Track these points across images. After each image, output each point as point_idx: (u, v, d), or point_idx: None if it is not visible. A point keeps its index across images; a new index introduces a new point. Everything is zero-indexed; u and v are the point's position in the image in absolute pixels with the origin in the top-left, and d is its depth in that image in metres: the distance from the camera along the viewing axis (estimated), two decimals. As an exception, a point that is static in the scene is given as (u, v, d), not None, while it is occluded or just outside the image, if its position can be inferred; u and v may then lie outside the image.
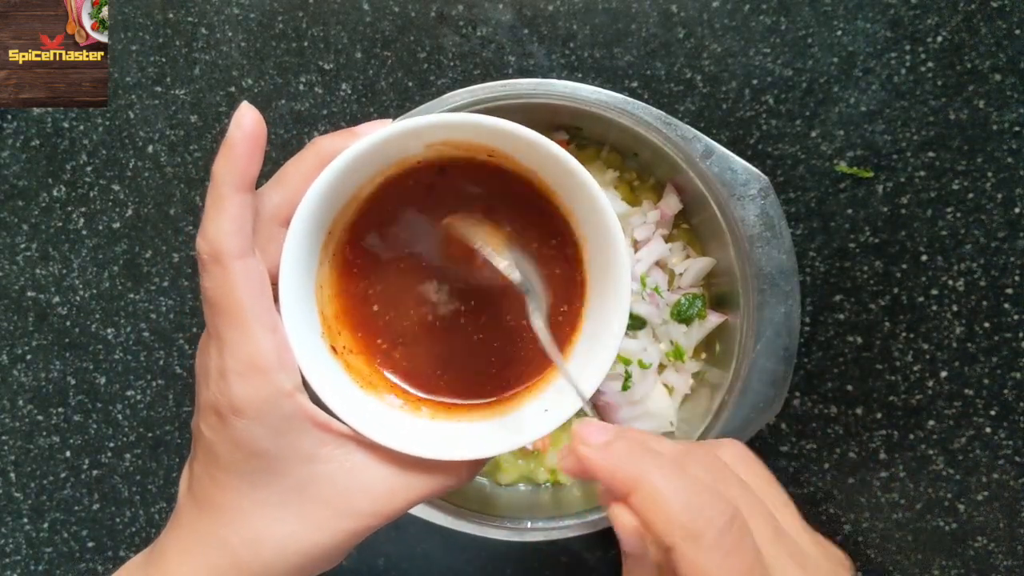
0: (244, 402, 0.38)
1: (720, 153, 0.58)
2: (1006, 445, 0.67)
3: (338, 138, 0.41)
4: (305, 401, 0.40)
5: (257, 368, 0.38)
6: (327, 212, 0.42)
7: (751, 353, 0.58)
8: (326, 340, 0.43)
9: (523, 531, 0.59)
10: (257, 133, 0.39)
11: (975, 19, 0.66)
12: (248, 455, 0.39)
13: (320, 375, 0.41)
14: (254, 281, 0.38)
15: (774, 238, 0.58)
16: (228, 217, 0.38)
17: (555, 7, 0.67)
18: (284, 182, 0.41)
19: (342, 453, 0.40)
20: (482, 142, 0.41)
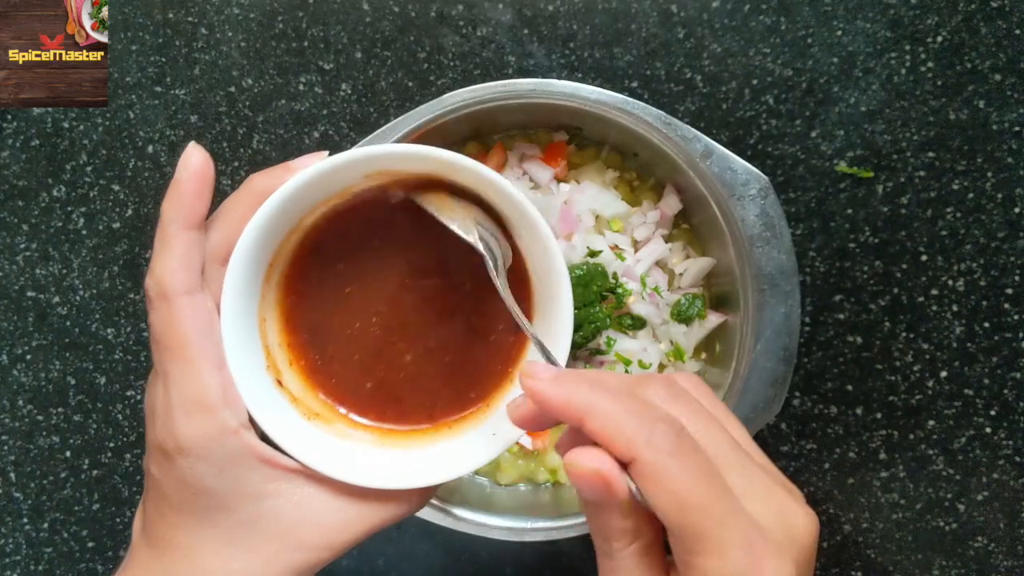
0: (189, 440, 0.38)
1: (720, 153, 0.58)
2: (1006, 445, 0.67)
3: (273, 175, 0.41)
4: (251, 437, 0.40)
5: (201, 405, 0.38)
6: (267, 246, 0.42)
7: (751, 353, 0.58)
8: (271, 374, 0.43)
9: (523, 531, 0.59)
10: (204, 172, 0.39)
11: (975, 19, 0.66)
12: (196, 493, 0.39)
13: (265, 409, 0.41)
14: (200, 318, 0.39)
15: (774, 238, 0.58)
16: (175, 255, 0.39)
17: (555, 7, 0.67)
18: (222, 221, 0.41)
19: (290, 487, 0.40)
20: (421, 171, 0.42)
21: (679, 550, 0.34)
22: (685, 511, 0.33)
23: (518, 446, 0.64)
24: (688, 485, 0.33)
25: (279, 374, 0.44)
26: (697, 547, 0.33)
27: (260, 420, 0.40)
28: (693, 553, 0.33)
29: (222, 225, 0.41)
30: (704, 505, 0.33)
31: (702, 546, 0.33)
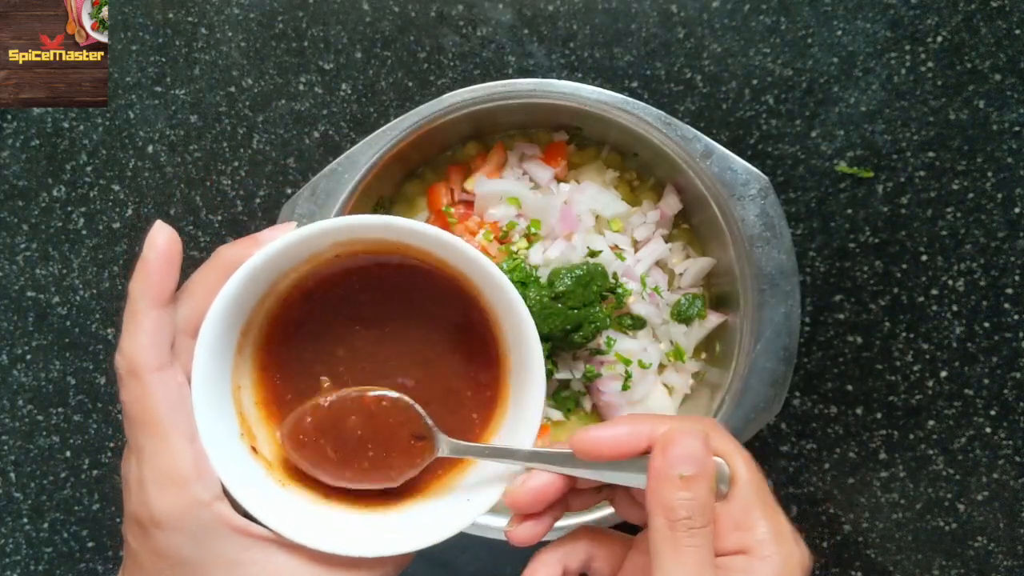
0: (163, 513, 0.39)
1: (720, 153, 0.58)
2: (1006, 445, 0.67)
3: (241, 247, 0.42)
4: (224, 509, 0.40)
5: (174, 480, 0.39)
6: (238, 316, 0.43)
7: (751, 353, 0.58)
8: (245, 441, 0.44)
9: (523, 531, 0.59)
10: (170, 251, 0.41)
11: (975, 19, 0.66)
12: (171, 565, 0.40)
13: (238, 479, 0.41)
14: (171, 393, 0.40)
15: (774, 238, 0.58)
16: (143, 332, 0.40)
17: (555, 7, 0.67)
18: (191, 294, 0.42)
19: (265, 556, 0.41)
20: (391, 239, 0.42)
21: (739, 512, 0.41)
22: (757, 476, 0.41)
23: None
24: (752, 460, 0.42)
25: (254, 440, 0.44)
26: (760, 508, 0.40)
27: (233, 491, 0.41)
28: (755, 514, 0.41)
29: (191, 298, 0.42)
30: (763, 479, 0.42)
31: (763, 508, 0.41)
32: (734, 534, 0.41)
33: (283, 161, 0.69)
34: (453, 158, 0.66)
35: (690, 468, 0.40)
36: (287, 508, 0.43)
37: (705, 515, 0.40)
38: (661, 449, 0.40)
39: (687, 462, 0.40)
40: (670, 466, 0.40)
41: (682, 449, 0.40)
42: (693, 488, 0.40)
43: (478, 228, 0.62)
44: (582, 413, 0.64)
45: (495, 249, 0.62)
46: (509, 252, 0.61)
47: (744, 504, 0.41)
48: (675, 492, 0.40)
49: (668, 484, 0.40)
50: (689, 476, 0.40)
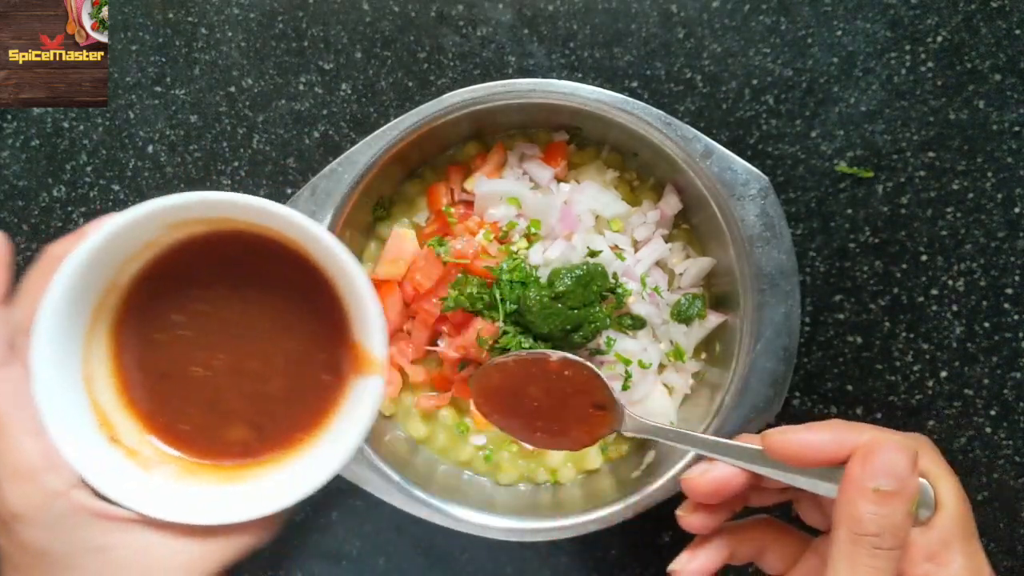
0: (18, 507, 0.39)
1: (720, 153, 0.58)
2: (1006, 445, 0.67)
3: (66, 243, 0.42)
4: (82, 496, 0.41)
5: (22, 474, 0.39)
6: (79, 309, 0.43)
7: (751, 353, 0.58)
8: (103, 431, 0.44)
9: (523, 531, 0.59)
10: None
11: (975, 19, 0.66)
12: (37, 556, 0.40)
13: (94, 467, 0.42)
14: (7, 390, 0.40)
15: (774, 238, 0.58)
16: None
17: (555, 7, 0.67)
18: (24, 294, 0.42)
19: (132, 537, 0.42)
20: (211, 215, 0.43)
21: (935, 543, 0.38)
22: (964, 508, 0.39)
23: (518, 446, 0.64)
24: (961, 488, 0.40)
25: (112, 431, 0.45)
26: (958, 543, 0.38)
27: (88, 477, 0.41)
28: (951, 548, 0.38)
29: (26, 297, 0.42)
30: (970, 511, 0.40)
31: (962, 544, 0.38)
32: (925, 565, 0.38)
33: (283, 161, 0.69)
34: (453, 158, 0.66)
35: (889, 483, 0.36)
36: (151, 488, 0.44)
37: (895, 537, 0.37)
38: (862, 457, 0.37)
39: (887, 476, 0.37)
40: (868, 477, 0.37)
41: (884, 461, 0.37)
42: (888, 505, 0.36)
43: (478, 228, 0.62)
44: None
45: (495, 249, 0.62)
46: (509, 252, 0.61)
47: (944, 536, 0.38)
48: (867, 505, 0.37)
49: (861, 495, 0.37)
50: (887, 491, 0.36)
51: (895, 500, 0.36)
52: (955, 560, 0.38)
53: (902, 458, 0.37)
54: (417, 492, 0.59)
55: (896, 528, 0.36)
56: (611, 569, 0.69)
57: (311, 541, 0.69)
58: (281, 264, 0.46)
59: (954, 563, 0.38)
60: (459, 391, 0.64)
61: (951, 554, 0.38)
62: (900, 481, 0.36)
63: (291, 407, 0.47)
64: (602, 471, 0.65)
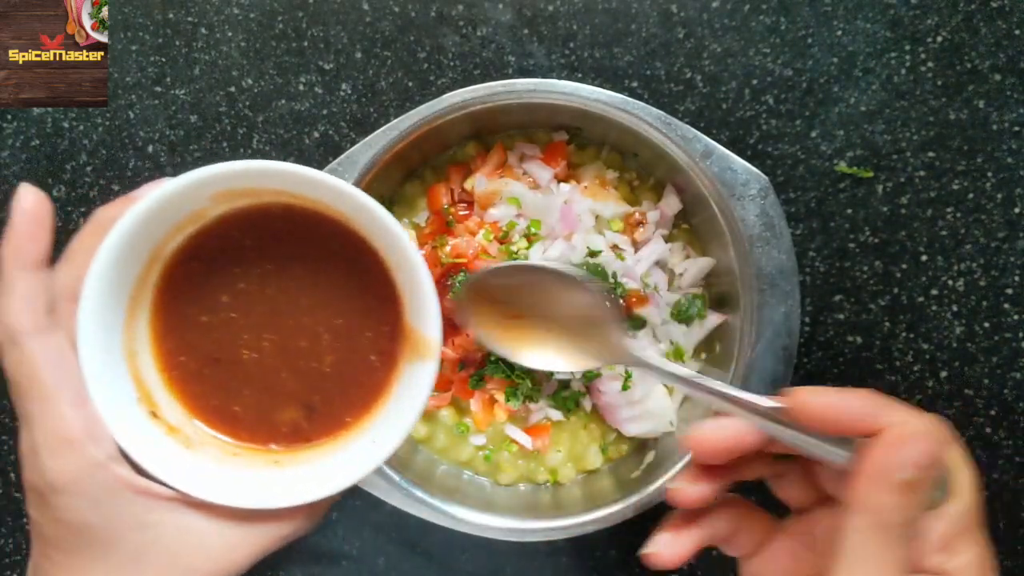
0: (58, 477, 0.38)
1: (720, 153, 0.58)
2: (1006, 445, 0.67)
3: (116, 207, 0.41)
4: (123, 470, 0.40)
5: (65, 442, 0.38)
6: (123, 278, 0.42)
7: (751, 353, 0.58)
8: (144, 406, 0.43)
9: (523, 531, 0.59)
10: (38, 212, 0.39)
11: (975, 19, 0.66)
12: (75, 530, 0.39)
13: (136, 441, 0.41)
14: (52, 357, 0.39)
15: (774, 238, 0.58)
16: (17, 296, 0.38)
17: (555, 7, 0.67)
18: (69, 258, 0.41)
19: (172, 516, 0.41)
20: (266, 186, 0.42)
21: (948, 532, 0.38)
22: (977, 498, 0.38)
23: (518, 446, 0.64)
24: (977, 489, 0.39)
25: (154, 406, 0.44)
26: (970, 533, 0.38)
27: (131, 453, 0.40)
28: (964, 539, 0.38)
29: (70, 262, 0.41)
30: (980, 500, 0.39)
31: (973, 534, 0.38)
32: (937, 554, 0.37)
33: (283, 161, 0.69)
34: (453, 158, 0.66)
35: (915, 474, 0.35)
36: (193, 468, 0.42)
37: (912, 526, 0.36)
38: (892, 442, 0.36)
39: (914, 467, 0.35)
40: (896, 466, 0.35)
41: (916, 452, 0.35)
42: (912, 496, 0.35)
43: (478, 228, 0.62)
44: (582, 413, 0.65)
45: (495, 249, 0.62)
46: (509, 252, 0.61)
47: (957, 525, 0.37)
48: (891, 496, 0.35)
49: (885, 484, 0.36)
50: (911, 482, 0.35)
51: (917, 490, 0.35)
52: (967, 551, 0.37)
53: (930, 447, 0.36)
54: (417, 492, 0.59)
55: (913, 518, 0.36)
56: (611, 569, 0.69)
57: (311, 541, 0.69)
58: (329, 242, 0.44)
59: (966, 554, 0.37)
60: (459, 391, 0.64)
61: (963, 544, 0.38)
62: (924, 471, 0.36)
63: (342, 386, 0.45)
64: (602, 471, 0.65)
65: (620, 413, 0.63)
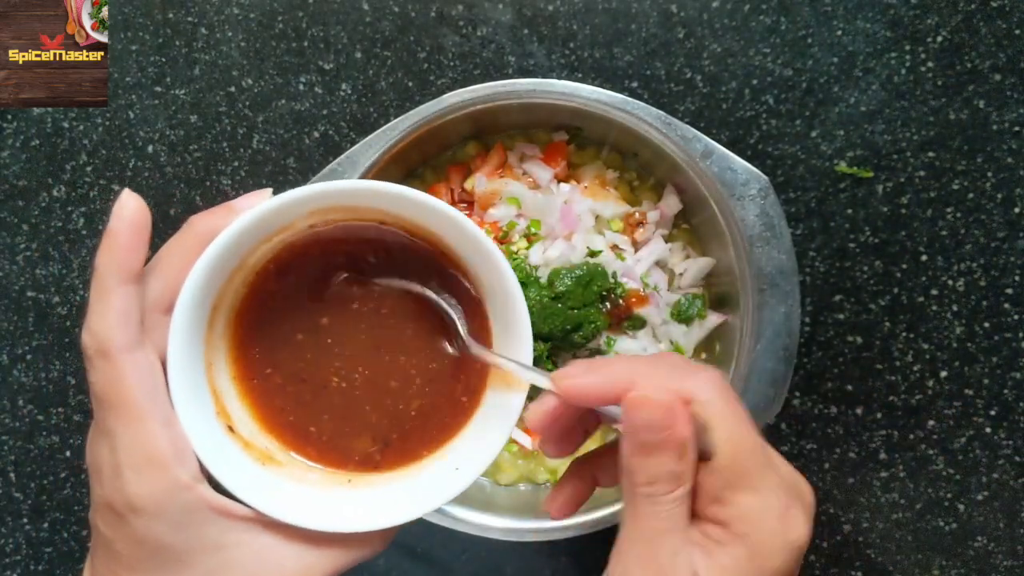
0: (142, 499, 0.37)
1: (720, 153, 0.58)
2: (1006, 445, 0.67)
3: (215, 216, 0.40)
4: (205, 490, 0.39)
5: (153, 463, 0.37)
6: (211, 290, 0.40)
7: (751, 353, 0.58)
8: (221, 420, 0.42)
9: (523, 531, 0.59)
10: (139, 222, 0.38)
11: (975, 19, 0.66)
12: (151, 552, 0.38)
13: (217, 459, 0.40)
14: (144, 374, 0.38)
15: (774, 238, 0.58)
16: (112, 310, 0.37)
17: (555, 7, 0.67)
18: (162, 268, 0.40)
19: (248, 537, 0.40)
20: (365, 205, 0.41)
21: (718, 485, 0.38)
22: (738, 449, 0.38)
23: (518, 446, 0.64)
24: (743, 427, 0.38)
25: (229, 420, 0.43)
26: (740, 483, 0.37)
27: (213, 470, 0.39)
28: (734, 489, 0.37)
29: (162, 272, 0.39)
30: (754, 448, 0.38)
31: (745, 483, 0.37)
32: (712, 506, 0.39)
33: (283, 161, 0.69)
34: (453, 158, 0.66)
35: (651, 436, 0.37)
36: (268, 487, 0.41)
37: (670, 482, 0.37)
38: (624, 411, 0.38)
39: (647, 431, 0.37)
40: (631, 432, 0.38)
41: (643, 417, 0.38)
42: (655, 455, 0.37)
43: (478, 228, 0.62)
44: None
45: (495, 249, 0.62)
46: (509, 252, 0.61)
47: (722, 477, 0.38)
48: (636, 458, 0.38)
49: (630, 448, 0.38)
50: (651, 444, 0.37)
51: (660, 451, 0.37)
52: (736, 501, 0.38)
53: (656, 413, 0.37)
54: (417, 492, 0.59)
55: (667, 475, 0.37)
56: (611, 569, 0.69)
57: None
58: (423, 267, 0.44)
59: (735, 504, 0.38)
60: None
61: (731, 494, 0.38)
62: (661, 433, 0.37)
63: (424, 426, 0.44)
64: (602, 471, 0.65)
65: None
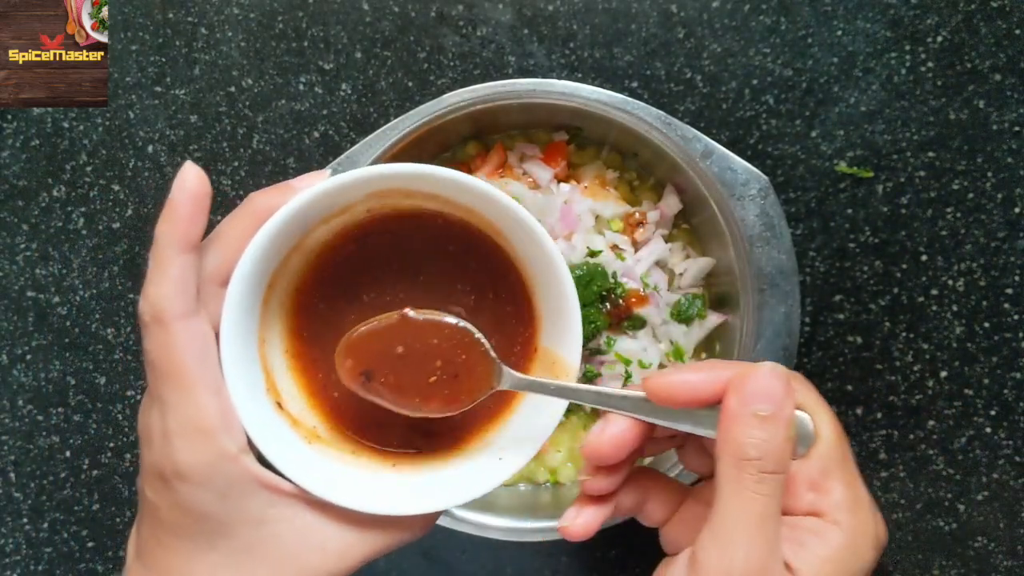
0: (188, 466, 0.38)
1: (720, 153, 0.58)
2: (1006, 445, 0.67)
3: (274, 193, 0.40)
4: (251, 463, 0.39)
5: (201, 431, 0.38)
6: (267, 267, 0.41)
7: (751, 353, 0.58)
8: (271, 396, 0.42)
9: (523, 531, 0.59)
10: (200, 193, 0.39)
11: (975, 19, 0.66)
12: (195, 519, 0.39)
13: (265, 434, 0.40)
14: (197, 343, 0.38)
15: (774, 238, 0.58)
16: (170, 279, 0.38)
17: (555, 7, 0.67)
18: (221, 242, 0.40)
19: (291, 513, 0.40)
20: (425, 191, 0.41)
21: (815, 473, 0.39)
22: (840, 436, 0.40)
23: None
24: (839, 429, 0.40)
25: (279, 396, 0.43)
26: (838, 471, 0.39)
27: (260, 444, 0.40)
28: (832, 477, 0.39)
29: (220, 246, 0.40)
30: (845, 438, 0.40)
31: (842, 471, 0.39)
32: (808, 495, 0.39)
33: (283, 161, 0.69)
34: (453, 158, 0.66)
35: (766, 406, 0.37)
36: (314, 465, 0.42)
37: (778, 461, 0.37)
38: (736, 386, 0.38)
39: (763, 400, 0.37)
40: (744, 403, 0.37)
41: (759, 385, 0.37)
42: (767, 428, 0.37)
43: (478, 228, 0.63)
44: (582, 413, 0.65)
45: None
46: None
47: (823, 465, 0.39)
48: (747, 430, 0.37)
49: (740, 422, 0.37)
50: (765, 415, 0.37)
51: (773, 423, 0.37)
52: (836, 488, 0.38)
53: (775, 381, 0.37)
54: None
55: (777, 452, 0.37)
56: (611, 569, 0.69)
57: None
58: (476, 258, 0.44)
59: (835, 491, 0.38)
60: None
61: (831, 482, 0.39)
62: (776, 404, 0.37)
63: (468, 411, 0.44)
64: (602, 471, 0.65)
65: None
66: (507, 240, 0.43)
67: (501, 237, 0.43)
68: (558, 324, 0.42)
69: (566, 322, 0.41)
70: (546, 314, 0.43)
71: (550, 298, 0.43)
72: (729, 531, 0.37)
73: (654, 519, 0.45)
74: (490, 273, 0.44)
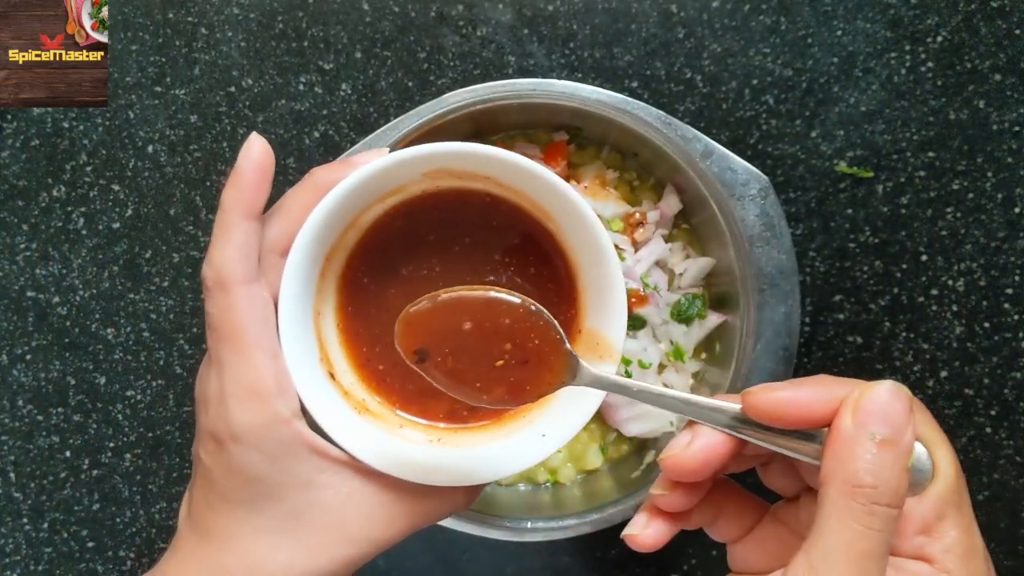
0: (242, 428, 0.38)
1: (720, 153, 0.58)
2: (1006, 445, 0.67)
3: (335, 169, 0.41)
4: (303, 428, 0.40)
5: (256, 393, 0.38)
6: (324, 241, 0.43)
7: (751, 353, 0.58)
8: (323, 366, 0.44)
9: (523, 531, 0.59)
10: (265, 163, 0.40)
11: (975, 19, 0.66)
12: (245, 481, 0.39)
13: (318, 401, 0.41)
14: (257, 307, 0.39)
15: (774, 238, 0.58)
16: (233, 244, 0.39)
17: (555, 7, 0.67)
18: (283, 213, 0.42)
19: (340, 479, 0.41)
20: (480, 170, 0.42)
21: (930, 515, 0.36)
22: (959, 475, 0.36)
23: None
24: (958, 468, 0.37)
25: (331, 367, 0.44)
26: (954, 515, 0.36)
27: (313, 410, 0.41)
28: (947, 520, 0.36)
29: (282, 216, 0.41)
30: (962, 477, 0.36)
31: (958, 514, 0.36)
32: (918, 537, 0.35)
33: (283, 161, 0.69)
34: (453, 158, 0.66)
35: (885, 430, 0.33)
36: (364, 434, 0.42)
37: (893, 493, 0.32)
38: (852, 406, 0.34)
39: (883, 422, 0.33)
40: (861, 424, 0.33)
41: (878, 405, 0.33)
42: (884, 454, 0.32)
43: (478, 228, 0.63)
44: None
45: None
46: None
47: (939, 505, 0.35)
48: (862, 454, 0.32)
49: (854, 445, 0.33)
50: (882, 439, 0.33)
51: (892, 449, 0.32)
52: (950, 533, 0.35)
53: (897, 403, 0.33)
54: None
55: (893, 482, 0.32)
56: (611, 569, 0.69)
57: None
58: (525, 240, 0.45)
59: (949, 536, 0.35)
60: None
61: (946, 526, 0.35)
62: (896, 429, 0.33)
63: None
64: (602, 471, 0.65)
65: (620, 413, 0.63)
66: (555, 222, 0.43)
67: (549, 219, 0.44)
68: (603, 306, 0.43)
69: (611, 303, 0.42)
70: (590, 296, 0.44)
71: (595, 280, 0.43)
72: (829, 566, 0.32)
73: (726, 536, 0.43)
74: (535, 254, 0.45)
